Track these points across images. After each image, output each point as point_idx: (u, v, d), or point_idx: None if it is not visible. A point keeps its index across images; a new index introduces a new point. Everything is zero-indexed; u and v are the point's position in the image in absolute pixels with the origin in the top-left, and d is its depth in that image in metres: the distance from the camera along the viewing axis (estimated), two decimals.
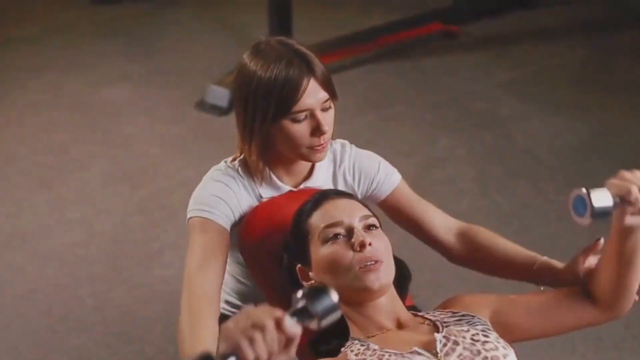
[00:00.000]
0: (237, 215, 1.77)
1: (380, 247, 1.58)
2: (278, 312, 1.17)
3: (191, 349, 1.54)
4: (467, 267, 1.89)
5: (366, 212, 1.64)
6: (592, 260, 1.68)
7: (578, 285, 1.66)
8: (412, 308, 1.70)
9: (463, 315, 1.58)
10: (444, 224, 1.88)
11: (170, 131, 4.27)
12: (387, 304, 1.59)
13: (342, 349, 1.55)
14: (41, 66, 5.08)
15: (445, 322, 1.55)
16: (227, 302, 2.00)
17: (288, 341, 1.17)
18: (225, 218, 1.74)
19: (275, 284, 1.77)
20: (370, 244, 1.56)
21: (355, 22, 5.45)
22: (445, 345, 1.46)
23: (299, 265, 1.66)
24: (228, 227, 1.75)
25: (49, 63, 5.12)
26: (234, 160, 1.82)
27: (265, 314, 1.16)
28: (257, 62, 1.68)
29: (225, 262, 1.74)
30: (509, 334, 1.59)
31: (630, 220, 1.42)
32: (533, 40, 5.29)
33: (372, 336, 1.55)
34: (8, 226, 3.51)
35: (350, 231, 1.58)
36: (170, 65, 5.06)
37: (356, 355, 1.49)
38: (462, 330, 1.51)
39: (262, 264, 1.79)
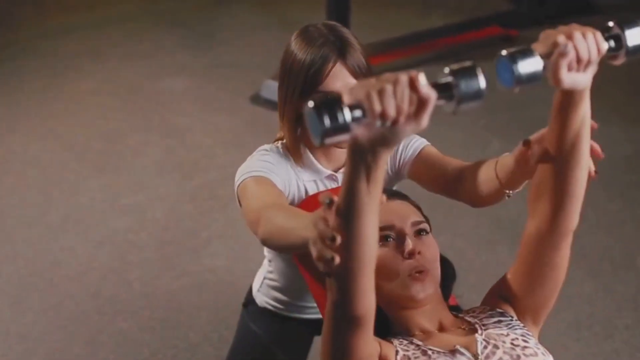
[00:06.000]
0: (286, 187, 1.75)
1: (429, 255, 1.57)
2: (414, 72, 1.07)
3: (302, 223, 1.40)
4: (494, 201, 1.69)
5: (418, 217, 1.63)
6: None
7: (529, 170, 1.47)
8: (455, 308, 1.70)
9: (501, 315, 1.57)
10: (464, 165, 1.75)
11: (225, 123, 4.31)
12: (431, 309, 1.58)
13: None
14: (101, 54, 5.17)
15: (484, 325, 1.54)
16: (271, 296, 2.01)
17: (420, 105, 1.07)
18: (279, 180, 1.71)
19: (321, 280, 1.77)
20: (419, 252, 1.55)
21: (414, 23, 5.45)
22: (485, 347, 1.46)
23: None
24: (283, 189, 1.71)
25: (108, 52, 5.21)
26: (276, 141, 1.84)
27: (401, 72, 1.07)
28: (298, 41, 1.71)
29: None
30: (521, 311, 1.57)
31: (568, 78, 1.24)
32: None
33: (413, 335, 1.55)
34: (63, 209, 3.59)
35: (401, 236, 1.56)
36: (227, 59, 5.11)
37: (400, 344, 1.49)
38: (502, 335, 1.50)
39: (309, 259, 1.79)
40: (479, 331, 1.51)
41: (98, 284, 3.13)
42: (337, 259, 1.16)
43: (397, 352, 1.47)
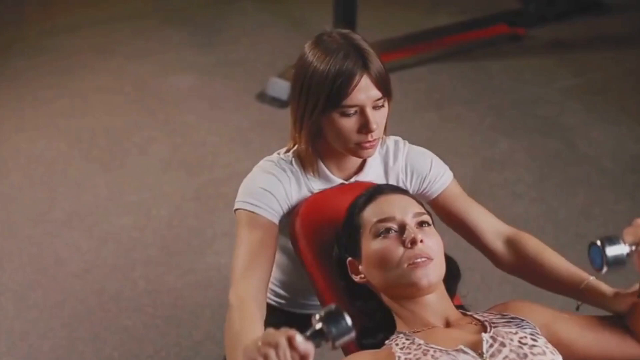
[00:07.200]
0: (285, 209, 1.77)
1: (432, 244, 1.57)
2: (291, 332, 1.22)
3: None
4: (512, 274, 1.84)
5: (419, 209, 1.64)
6: None
7: (621, 317, 1.63)
8: (459, 308, 1.69)
9: (512, 318, 1.56)
10: (493, 228, 1.84)
11: (231, 121, 4.30)
12: (436, 302, 1.58)
13: (387, 342, 1.55)
14: (108, 52, 5.16)
15: (493, 323, 1.53)
16: (272, 291, 2.01)
17: (302, 358, 1.23)
18: (273, 212, 1.74)
19: (325, 276, 1.77)
20: (421, 241, 1.55)
21: (421, 21, 5.44)
22: (491, 345, 1.45)
23: (349, 258, 1.66)
24: (276, 221, 1.75)
25: (115, 49, 5.21)
26: (287, 151, 1.82)
27: (280, 333, 1.22)
28: (315, 52, 1.68)
29: (273, 257, 1.74)
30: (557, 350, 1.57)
31: None
32: (600, 46, 5.20)
33: (418, 332, 1.54)
34: (68, 206, 3.58)
35: (402, 227, 1.57)
36: (234, 57, 5.10)
37: (401, 348, 1.49)
38: (510, 332, 1.49)
39: (313, 256, 1.79)
40: (488, 328, 1.50)
41: (102, 281, 3.12)
42: None
43: (398, 357, 1.46)
